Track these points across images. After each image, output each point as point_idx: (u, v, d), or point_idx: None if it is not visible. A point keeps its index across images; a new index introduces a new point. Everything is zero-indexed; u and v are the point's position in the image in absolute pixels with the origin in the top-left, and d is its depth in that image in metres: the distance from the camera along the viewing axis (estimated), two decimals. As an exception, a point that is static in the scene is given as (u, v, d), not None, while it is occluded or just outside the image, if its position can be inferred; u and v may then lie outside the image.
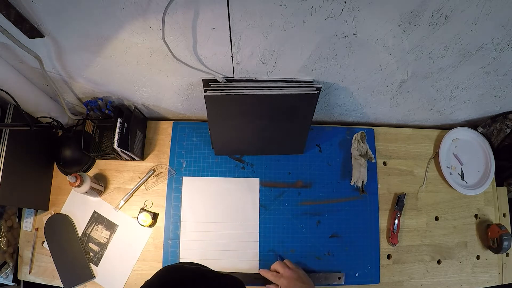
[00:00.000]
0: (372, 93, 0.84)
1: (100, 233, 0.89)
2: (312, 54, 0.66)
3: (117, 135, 0.82)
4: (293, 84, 0.74)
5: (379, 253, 0.92)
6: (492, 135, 1.01)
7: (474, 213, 0.99)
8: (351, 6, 0.53)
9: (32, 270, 0.87)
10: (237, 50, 0.64)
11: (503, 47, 0.65)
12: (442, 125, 1.06)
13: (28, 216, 0.90)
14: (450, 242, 0.96)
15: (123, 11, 0.54)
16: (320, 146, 0.98)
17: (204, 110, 0.77)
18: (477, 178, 1.02)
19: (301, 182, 0.95)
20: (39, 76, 0.76)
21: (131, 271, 0.87)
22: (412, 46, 0.64)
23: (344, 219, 0.93)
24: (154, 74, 0.75)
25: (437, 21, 0.57)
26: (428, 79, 0.77)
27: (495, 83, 0.79)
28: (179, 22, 0.57)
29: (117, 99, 0.89)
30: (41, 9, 0.54)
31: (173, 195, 0.92)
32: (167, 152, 0.95)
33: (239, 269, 0.87)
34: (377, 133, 1.01)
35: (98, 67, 0.72)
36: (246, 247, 0.89)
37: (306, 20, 0.56)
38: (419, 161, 1.01)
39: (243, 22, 0.56)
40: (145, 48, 0.65)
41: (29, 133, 0.80)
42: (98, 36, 0.61)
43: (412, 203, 0.97)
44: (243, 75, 0.74)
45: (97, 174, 0.93)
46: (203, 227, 0.90)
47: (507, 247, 0.92)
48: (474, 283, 0.95)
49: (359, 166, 0.94)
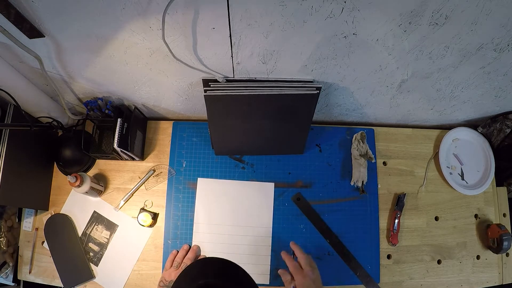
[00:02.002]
0: (372, 93, 0.84)
1: (100, 233, 0.89)
2: (312, 54, 0.66)
3: (117, 135, 0.82)
4: (293, 84, 0.74)
5: (379, 253, 0.92)
6: (492, 135, 1.01)
7: (474, 213, 0.99)
8: (351, 6, 0.53)
9: (32, 270, 0.87)
10: (237, 50, 0.64)
11: (503, 47, 0.65)
12: (442, 125, 1.06)
13: (28, 216, 0.90)
14: (450, 242, 0.96)
15: (123, 11, 0.54)
16: (320, 146, 0.98)
17: (204, 110, 0.77)
18: (477, 178, 1.02)
19: (301, 182, 0.95)
20: (39, 76, 0.76)
21: (131, 271, 0.87)
22: (412, 46, 0.64)
23: (344, 219, 0.93)
24: (154, 74, 0.75)
25: (437, 21, 0.57)
26: (428, 79, 0.77)
27: (495, 83, 0.79)
28: (179, 22, 0.57)
29: (117, 99, 0.89)
30: (41, 9, 0.54)
31: (173, 195, 0.92)
32: (167, 152, 0.95)
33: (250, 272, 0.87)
34: (377, 133, 1.01)
35: (98, 67, 0.72)
36: (258, 251, 0.89)
37: (306, 20, 0.56)
38: (419, 161, 1.01)
39: (243, 22, 0.56)
40: (145, 48, 0.65)
41: (29, 133, 0.80)
42: (98, 36, 0.61)
43: (412, 203, 0.97)
44: (243, 75, 0.74)
45: (97, 174, 0.93)
46: (216, 229, 0.90)
47: (507, 247, 0.92)
48: (474, 283, 0.95)
49: (359, 166, 0.94)
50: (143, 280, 0.87)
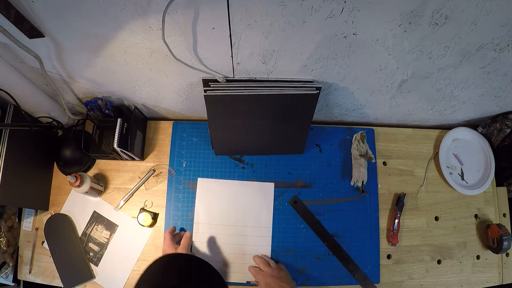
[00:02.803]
0: (372, 93, 0.84)
1: (100, 233, 0.89)
2: (312, 54, 0.66)
3: (117, 135, 0.82)
4: (293, 84, 0.74)
5: (379, 253, 0.92)
6: (492, 135, 1.01)
7: (474, 213, 0.99)
8: (351, 6, 0.53)
9: (32, 270, 0.87)
10: (237, 50, 0.64)
11: (503, 47, 0.65)
12: (442, 125, 1.06)
13: (28, 216, 0.90)
14: (450, 242, 0.96)
15: (123, 11, 0.54)
16: (320, 146, 0.98)
17: (204, 110, 0.77)
18: (477, 178, 1.02)
19: (301, 182, 0.95)
20: (39, 76, 0.76)
21: (131, 271, 0.87)
22: (412, 46, 0.64)
23: (344, 219, 0.93)
24: (154, 74, 0.75)
25: (437, 21, 0.57)
26: (428, 79, 0.77)
27: (495, 83, 0.79)
28: (179, 22, 0.57)
29: (117, 99, 0.89)
30: (41, 9, 0.54)
31: (173, 195, 0.92)
32: (167, 152, 0.95)
33: None
34: (377, 133, 1.01)
35: (98, 67, 0.72)
36: (258, 251, 0.89)
37: (306, 20, 0.56)
38: (419, 161, 1.01)
39: (243, 22, 0.56)
40: (145, 48, 0.65)
41: (29, 133, 0.80)
42: (98, 36, 0.62)
43: (412, 203, 0.97)
44: (243, 75, 0.74)
45: (97, 174, 0.93)
46: (216, 229, 0.90)
47: (507, 247, 0.92)
48: (474, 283, 0.95)
49: (359, 166, 0.94)
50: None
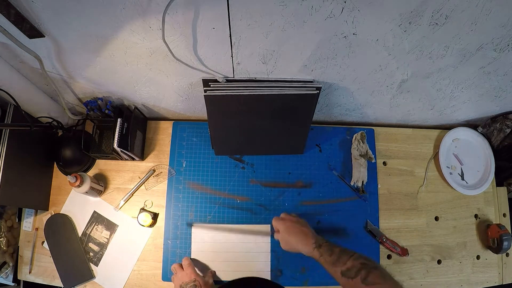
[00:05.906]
0: (372, 93, 0.84)
1: (100, 233, 0.89)
2: (312, 54, 0.66)
3: (117, 135, 0.82)
4: (293, 84, 0.74)
5: (379, 253, 0.92)
6: (492, 135, 1.01)
7: (474, 213, 0.99)
8: (351, 6, 0.53)
9: (32, 270, 0.87)
10: (237, 50, 0.64)
11: (503, 47, 0.65)
12: (442, 125, 1.06)
13: (28, 216, 0.90)
14: (450, 242, 0.96)
15: (123, 11, 0.54)
16: (320, 146, 0.98)
17: (204, 110, 0.77)
18: (477, 178, 1.02)
19: (301, 182, 0.95)
20: (39, 76, 0.76)
21: (131, 271, 0.87)
22: (412, 46, 0.64)
23: (344, 219, 0.93)
24: (154, 74, 0.75)
25: (437, 21, 0.57)
26: (428, 79, 0.77)
27: (495, 83, 0.79)
28: (179, 22, 0.57)
29: (117, 99, 0.89)
30: (41, 9, 0.54)
31: (173, 195, 0.92)
32: (167, 152, 0.95)
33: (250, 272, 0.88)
34: (377, 133, 1.01)
35: (98, 67, 0.72)
36: (258, 250, 0.89)
37: (306, 20, 0.56)
38: (419, 161, 1.01)
39: (243, 22, 0.56)
40: (145, 48, 0.65)
41: (29, 133, 0.80)
42: (98, 36, 0.61)
43: (412, 203, 0.97)
44: (243, 75, 0.74)
45: (97, 174, 0.93)
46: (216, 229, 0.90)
47: (507, 247, 0.92)
48: (474, 283, 0.95)
49: (359, 166, 0.94)
50: (143, 280, 0.87)
